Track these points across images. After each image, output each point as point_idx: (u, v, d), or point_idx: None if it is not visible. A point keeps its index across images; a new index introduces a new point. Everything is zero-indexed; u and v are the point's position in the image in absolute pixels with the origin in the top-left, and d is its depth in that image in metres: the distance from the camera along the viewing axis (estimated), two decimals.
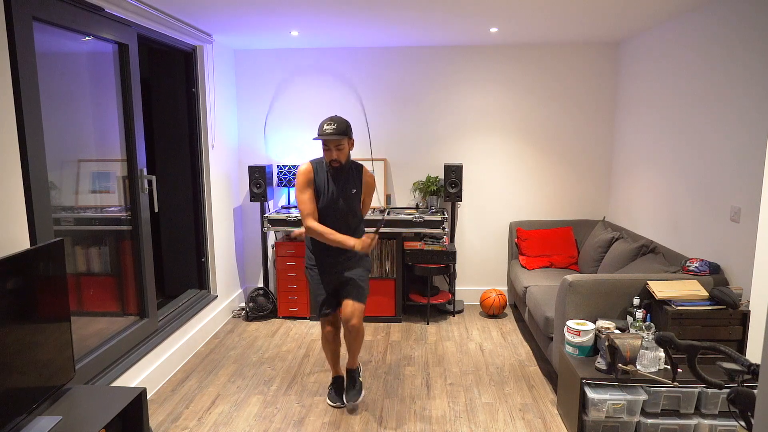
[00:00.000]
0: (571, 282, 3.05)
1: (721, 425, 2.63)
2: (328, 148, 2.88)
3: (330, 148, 2.87)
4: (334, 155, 2.88)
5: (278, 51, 4.79)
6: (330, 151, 2.88)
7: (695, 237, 3.33)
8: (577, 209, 4.89)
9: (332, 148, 2.87)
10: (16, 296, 1.96)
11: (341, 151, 2.88)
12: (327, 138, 2.83)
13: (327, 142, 2.86)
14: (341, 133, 2.84)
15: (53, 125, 2.57)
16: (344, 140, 2.88)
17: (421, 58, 4.74)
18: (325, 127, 2.84)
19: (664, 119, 3.77)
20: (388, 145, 4.89)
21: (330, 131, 2.82)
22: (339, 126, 2.84)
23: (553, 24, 3.79)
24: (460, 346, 4.07)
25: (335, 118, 2.87)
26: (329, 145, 2.87)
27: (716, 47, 3.12)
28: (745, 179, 2.84)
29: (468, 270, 5.04)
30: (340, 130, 2.84)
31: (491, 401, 3.24)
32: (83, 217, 2.93)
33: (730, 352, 1.64)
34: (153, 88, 4.14)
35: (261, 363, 3.79)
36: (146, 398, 2.37)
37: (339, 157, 2.89)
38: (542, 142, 4.81)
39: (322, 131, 2.84)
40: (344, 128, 2.86)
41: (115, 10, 2.93)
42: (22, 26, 2.24)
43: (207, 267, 4.34)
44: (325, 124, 2.85)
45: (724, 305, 2.80)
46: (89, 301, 2.98)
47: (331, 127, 2.83)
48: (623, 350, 2.63)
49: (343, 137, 2.85)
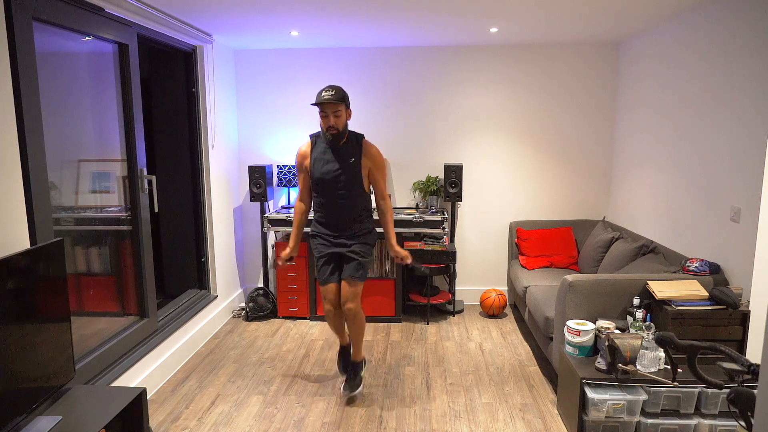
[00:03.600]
0: (571, 282, 3.05)
1: (721, 425, 2.63)
2: (325, 114, 2.90)
3: (328, 114, 2.89)
4: (331, 121, 2.90)
5: (278, 51, 4.79)
6: (327, 118, 2.90)
7: (695, 237, 3.33)
8: (577, 209, 4.89)
9: (330, 114, 2.89)
10: (16, 296, 1.96)
11: (339, 118, 2.90)
12: (325, 102, 2.85)
13: (324, 108, 2.88)
14: (339, 99, 2.87)
15: (53, 125, 2.57)
16: (342, 107, 2.90)
17: (421, 58, 4.74)
18: (323, 94, 2.87)
19: (664, 119, 3.77)
20: (388, 145, 4.89)
21: (328, 97, 2.85)
22: (337, 92, 2.88)
23: (553, 24, 3.79)
24: (460, 346, 4.07)
25: (333, 85, 2.91)
26: (327, 111, 2.89)
27: (716, 47, 3.12)
28: (745, 179, 2.84)
29: (468, 270, 5.04)
30: (339, 97, 2.87)
31: (491, 401, 3.24)
32: (83, 217, 2.93)
33: (730, 352, 1.64)
34: (153, 88, 4.13)
35: (261, 363, 3.79)
36: (146, 398, 2.37)
37: (336, 123, 2.90)
38: (542, 142, 4.81)
39: (320, 97, 2.87)
40: (342, 95, 2.90)
41: (115, 10, 2.93)
42: (22, 26, 2.24)
43: (207, 267, 4.34)
44: (324, 90, 2.88)
45: (724, 305, 2.80)
46: (89, 301, 2.98)
47: (329, 93, 2.86)
48: (623, 350, 2.63)
49: (340, 103, 2.88)
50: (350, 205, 3.04)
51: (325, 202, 3.05)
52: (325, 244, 3.10)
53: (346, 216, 3.06)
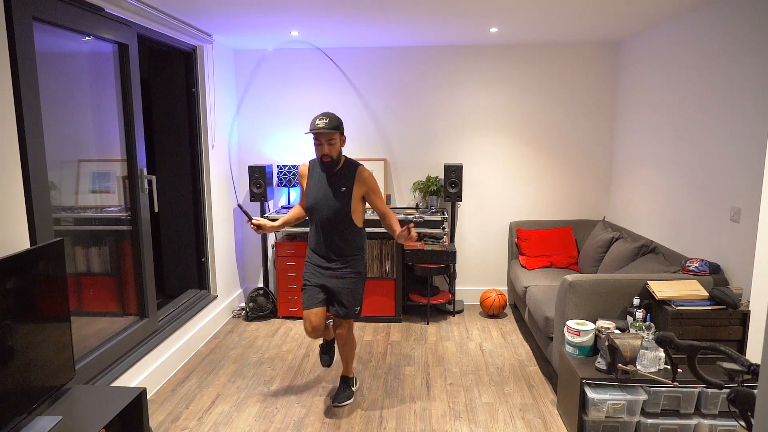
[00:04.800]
0: (571, 282, 3.05)
1: (721, 425, 2.63)
2: (320, 142, 2.89)
3: (322, 142, 2.88)
4: (325, 150, 2.88)
5: (278, 51, 4.79)
6: (322, 146, 2.89)
7: (695, 237, 3.33)
8: (577, 209, 4.89)
9: (324, 142, 2.87)
10: (16, 296, 1.96)
11: (333, 146, 2.89)
12: (319, 132, 2.84)
13: (318, 136, 2.87)
14: (333, 127, 2.86)
15: (53, 125, 2.57)
16: (336, 135, 2.89)
17: (421, 58, 4.74)
18: (317, 122, 2.85)
19: (664, 119, 3.77)
20: (388, 145, 4.89)
21: (322, 125, 2.84)
22: (331, 121, 2.86)
23: (553, 24, 3.79)
24: (460, 346, 4.07)
25: (327, 113, 2.89)
26: (321, 140, 2.87)
27: (716, 47, 3.12)
28: (745, 179, 2.84)
29: (468, 270, 5.04)
30: (332, 125, 2.86)
31: (491, 401, 3.24)
32: (83, 217, 2.93)
33: (730, 352, 1.64)
34: (153, 88, 4.14)
35: (261, 363, 3.79)
36: (146, 398, 2.37)
37: (330, 152, 2.89)
38: (542, 142, 4.81)
39: (314, 126, 2.86)
40: (336, 123, 2.88)
41: (115, 10, 2.93)
42: (22, 26, 2.24)
43: (207, 267, 4.34)
44: (317, 119, 2.86)
45: (724, 305, 2.80)
46: (89, 301, 2.98)
47: (323, 122, 2.85)
48: (623, 350, 2.63)
49: (334, 132, 2.87)
50: (338, 236, 2.98)
51: (316, 229, 3.02)
52: (315, 274, 3.04)
53: (334, 247, 3.00)
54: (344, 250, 3.01)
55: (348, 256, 3.02)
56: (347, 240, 3.01)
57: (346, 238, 3.01)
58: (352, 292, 3.03)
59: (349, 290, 3.02)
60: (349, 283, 3.02)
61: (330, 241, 3.00)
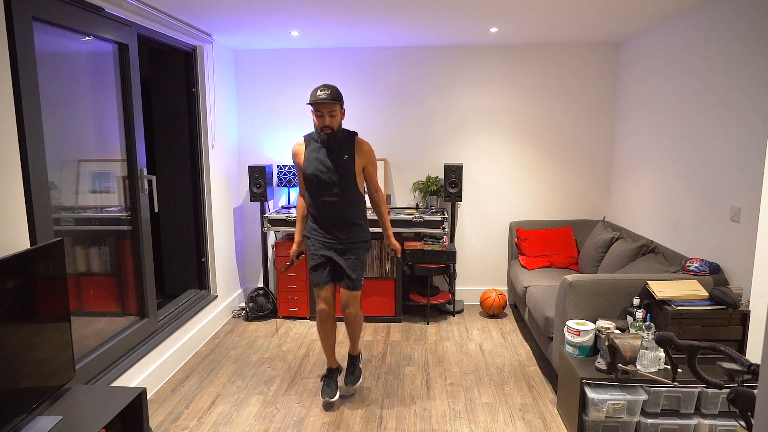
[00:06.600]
0: (571, 282, 3.05)
1: (721, 425, 2.63)
2: (321, 114, 2.89)
3: (323, 113, 2.88)
4: (327, 121, 2.89)
5: (278, 51, 4.79)
6: (323, 117, 2.89)
7: (695, 237, 3.33)
8: (577, 209, 4.89)
9: (325, 113, 2.87)
10: (16, 296, 1.96)
11: (334, 117, 2.89)
12: (320, 102, 2.84)
13: (320, 107, 2.87)
14: (335, 98, 2.86)
15: (53, 125, 2.57)
16: (337, 106, 2.89)
17: (421, 58, 4.74)
18: (318, 93, 2.85)
19: (664, 119, 3.77)
20: (388, 145, 4.89)
21: (324, 96, 2.84)
22: (333, 92, 2.87)
23: (553, 24, 3.79)
24: (460, 346, 4.07)
25: (328, 84, 2.90)
26: (322, 111, 2.87)
27: (716, 47, 3.12)
28: (745, 179, 2.84)
29: (468, 270, 5.04)
30: (334, 96, 2.86)
31: (491, 401, 3.24)
32: (83, 217, 2.93)
33: (730, 352, 1.64)
34: (153, 88, 4.13)
35: (261, 363, 3.79)
36: (146, 398, 2.37)
37: (331, 123, 2.89)
38: (542, 142, 4.81)
39: (315, 97, 2.85)
40: (338, 95, 2.89)
41: (115, 10, 2.93)
42: (22, 26, 2.24)
43: (207, 267, 4.34)
44: (318, 90, 2.86)
45: (724, 305, 2.80)
46: (89, 301, 2.98)
47: (324, 93, 2.85)
48: (623, 350, 2.63)
49: (336, 103, 2.88)
50: (344, 203, 3.00)
51: (319, 201, 3.01)
52: (319, 246, 3.07)
53: (340, 216, 3.01)
54: (349, 217, 3.03)
55: (352, 225, 3.05)
56: (352, 206, 3.03)
57: (352, 203, 3.03)
58: (358, 261, 3.07)
59: (355, 260, 3.07)
60: (355, 253, 3.07)
61: (336, 209, 3.00)
